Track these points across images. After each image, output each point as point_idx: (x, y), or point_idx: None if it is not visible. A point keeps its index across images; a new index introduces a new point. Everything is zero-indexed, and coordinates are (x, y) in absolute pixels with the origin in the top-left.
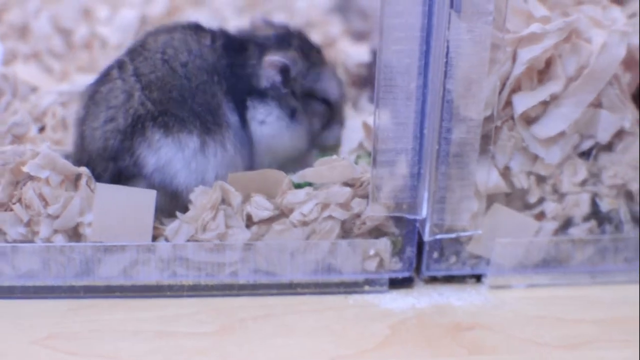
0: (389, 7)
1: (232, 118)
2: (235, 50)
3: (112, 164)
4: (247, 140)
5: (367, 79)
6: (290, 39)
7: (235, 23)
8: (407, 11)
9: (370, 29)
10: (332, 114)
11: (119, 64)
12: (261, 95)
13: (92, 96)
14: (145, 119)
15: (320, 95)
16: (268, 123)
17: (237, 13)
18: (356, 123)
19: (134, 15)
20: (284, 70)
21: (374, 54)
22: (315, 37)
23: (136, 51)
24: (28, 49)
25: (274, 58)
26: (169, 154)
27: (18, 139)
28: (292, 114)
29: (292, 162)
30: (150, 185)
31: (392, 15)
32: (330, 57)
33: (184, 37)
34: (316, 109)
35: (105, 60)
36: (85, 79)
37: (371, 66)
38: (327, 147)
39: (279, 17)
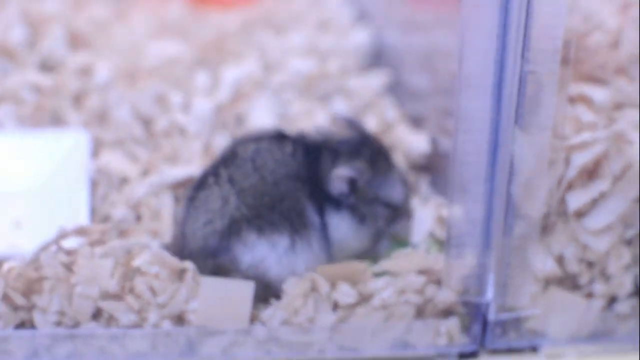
0: (462, 124)
1: (315, 219)
2: (312, 157)
3: (210, 260)
4: (326, 237)
5: (427, 167)
6: (361, 147)
7: (297, 107)
8: (477, 128)
9: (424, 112)
10: (397, 214)
11: (215, 172)
12: (334, 201)
13: (192, 200)
14: (240, 222)
15: (385, 200)
16: (340, 227)
17: (298, 96)
18: (424, 214)
19: (209, 106)
20: (352, 182)
21: (433, 142)
22: (371, 121)
23: (229, 160)
24: (111, 136)
25: (342, 171)
26: (263, 252)
27: (122, 233)
28: (361, 220)
29: (363, 254)
30: (246, 278)
31: (464, 132)
32: (388, 142)
33: (269, 147)
34: (381, 212)
35: (185, 148)
36: (173, 171)
37: (431, 156)
38: (396, 239)
39: (338, 100)
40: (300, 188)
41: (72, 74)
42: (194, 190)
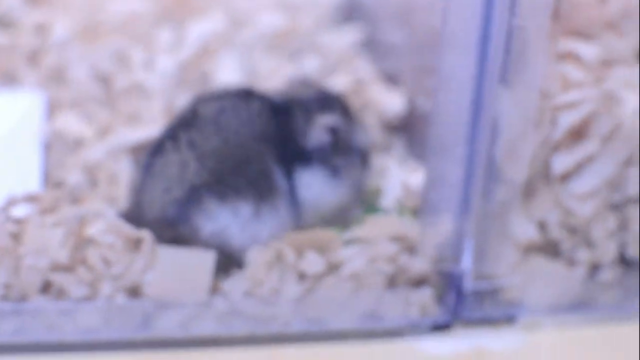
0: (443, 82)
1: (283, 183)
2: (281, 115)
3: (169, 231)
4: (294, 203)
5: (402, 128)
6: (332, 101)
7: (266, 64)
8: (458, 87)
9: (399, 70)
10: (365, 162)
11: (173, 135)
12: (306, 160)
13: (148, 167)
14: (201, 188)
15: (356, 148)
16: (314, 185)
17: (266, 52)
18: (395, 177)
19: (172, 63)
20: (334, 131)
21: (409, 101)
22: (343, 79)
23: (189, 121)
24: (68, 97)
25: (325, 119)
26: (225, 220)
27: (76, 200)
28: (335, 173)
29: (337, 219)
30: (207, 249)
31: (446, 91)
32: (361, 101)
33: (234, 105)
34: (354, 161)
35: (147, 109)
36: (132, 133)
37: (407, 117)
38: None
39: (308, 57)
40: (266, 150)
41: (27, 32)
42: (150, 156)
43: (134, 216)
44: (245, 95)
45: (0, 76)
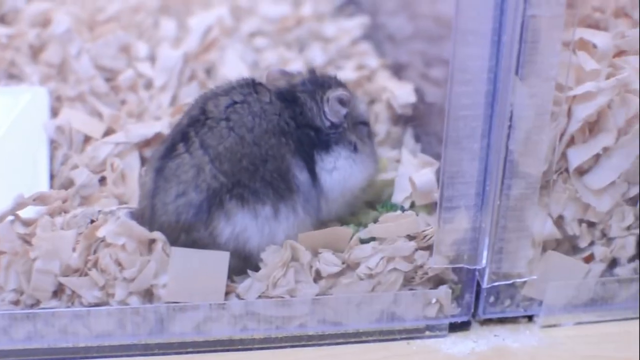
0: (458, 74)
1: (302, 177)
2: (290, 103)
3: (184, 235)
4: (315, 195)
5: (411, 118)
6: (330, 79)
7: (269, 54)
8: (474, 79)
9: (404, 59)
10: (370, 133)
11: (183, 136)
12: (325, 142)
13: (160, 171)
14: (219, 193)
15: (361, 119)
16: (338, 167)
17: (271, 44)
18: (407, 171)
19: (177, 55)
20: (344, 104)
21: (417, 91)
22: (350, 68)
23: (199, 121)
24: (71, 91)
25: (339, 92)
26: (244, 223)
27: (85, 199)
28: (355, 148)
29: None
30: (224, 251)
31: (460, 83)
32: (370, 90)
33: (244, 99)
34: (363, 133)
35: (152, 103)
36: (139, 128)
37: (416, 106)
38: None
39: (313, 47)
40: (284, 143)
41: (28, 25)
42: (161, 159)
43: (147, 222)
44: (253, 86)
45: (3, 71)
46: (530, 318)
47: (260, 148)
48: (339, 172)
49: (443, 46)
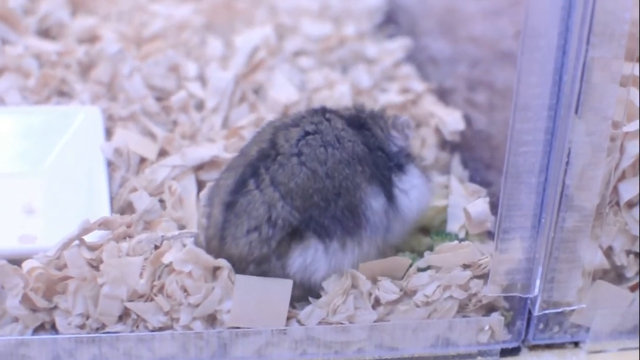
0: (520, 113)
1: (377, 204)
2: (359, 127)
3: (253, 266)
4: (387, 222)
5: (460, 145)
6: (382, 108)
7: (315, 75)
8: (535, 117)
9: (446, 82)
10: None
11: (253, 172)
12: (398, 166)
13: (231, 205)
14: (290, 228)
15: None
16: (416, 185)
17: (315, 64)
18: (458, 199)
19: (229, 76)
20: (412, 127)
21: (467, 120)
22: (396, 92)
23: (269, 156)
24: (123, 111)
25: (400, 120)
26: (312, 257)
27: (148, 223)
28: (421, 171)
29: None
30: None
31: (521, 121)
32: (417, 115)
33: (316, 128)
34: (416, 157)
35: (204, 124)
36: (196, 151)
37: (464, 133)
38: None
39: (358, 69)
40: (359, 171)
41: (75, 40)
42: (231, 194)
43: (214, 251)
44: (323, 114)
45: (54, 89)
46: (576, 344)
47: (333, 181)
48: (417, 190)
49: (487, 69)
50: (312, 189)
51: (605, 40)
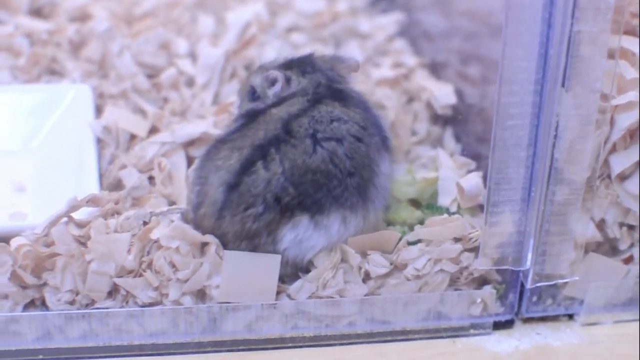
0: (506, 86)
1: (385, 169)
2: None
3: (245, 242)
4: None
5: (452, 119)
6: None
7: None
8: (521, 90)
9: (439, 56)
10: None
11: (263, 154)
12: None
13: (235, 186)
14: (286, 203)
15: None
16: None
17: (308, 40)
18: (448, 173)
19: (219, 52)
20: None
21: (459, 94)
22: (388, 66)
23: (282, 139)
24: (113, 88)
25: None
26: (308, 232)
27: (136, 200)
28: None
29: None
30: (283, 258)
31: (508, 94)
32: (408, 89)
33: (327, 108)
34: None
35: (194, 101)
36: (185, 128)
37: (457, 107)
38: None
39: (349, 43)
40: (372, 142)
41: (66, 19)
42: (237, 175)
43: (209, 227)
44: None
45: (45, 67)
46: (570, 317)
47: (352, 161)
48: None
49: (480, 44)
50: (315, 169)
51: (591, 13)
